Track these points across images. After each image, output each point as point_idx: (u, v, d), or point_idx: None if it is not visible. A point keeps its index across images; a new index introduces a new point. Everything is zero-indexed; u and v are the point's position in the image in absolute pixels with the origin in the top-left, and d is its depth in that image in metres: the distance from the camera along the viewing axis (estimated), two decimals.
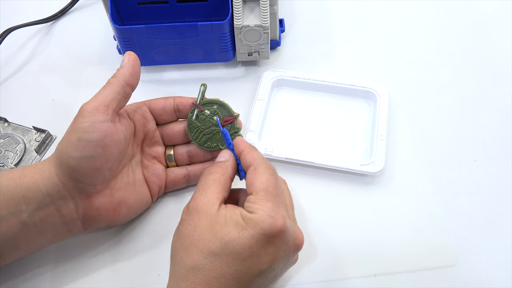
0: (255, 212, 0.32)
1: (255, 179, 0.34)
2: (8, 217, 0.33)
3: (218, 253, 0.31)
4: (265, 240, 0.31)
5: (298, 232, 0.34)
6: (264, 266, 0.31)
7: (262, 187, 0.33)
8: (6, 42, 0.56)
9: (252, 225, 0.31)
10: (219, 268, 0.31)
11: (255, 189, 0.33)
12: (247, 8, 0.48)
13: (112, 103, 0.35)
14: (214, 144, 0.41)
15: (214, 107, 0.41)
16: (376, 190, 0.44)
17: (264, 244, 0.31)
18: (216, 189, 0.34)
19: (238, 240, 0.31)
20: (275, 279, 0.34)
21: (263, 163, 0.35)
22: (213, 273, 0.30)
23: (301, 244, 0.34)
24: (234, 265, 0.31)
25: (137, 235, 0.41)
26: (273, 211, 0.32)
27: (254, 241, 0.31)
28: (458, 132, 0.48)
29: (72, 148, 0.34)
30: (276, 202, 0.32)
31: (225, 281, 0.31)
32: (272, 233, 0.31)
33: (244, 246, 0.31)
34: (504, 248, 0.40)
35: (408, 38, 0.58)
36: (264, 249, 0.31)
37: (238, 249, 0.31)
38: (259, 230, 0.31)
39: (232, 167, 0.37)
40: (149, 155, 0.41)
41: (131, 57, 0.38)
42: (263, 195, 0.33)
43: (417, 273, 0.39)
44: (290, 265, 0.35)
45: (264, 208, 0.32)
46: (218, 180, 0.35)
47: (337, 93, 0.51)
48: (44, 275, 0.39)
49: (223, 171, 0.36)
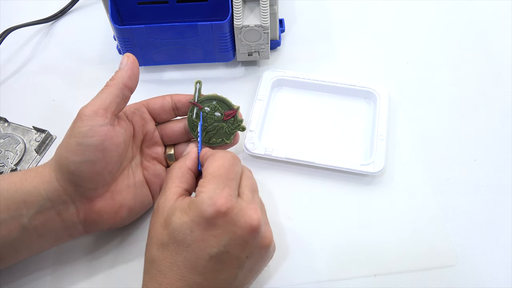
0: (198, 195, 0.32)
1: (208, 165, 0.34)
2: (9, 221, 0.33)
3: (166, 243, 0.32)
4: (206, 222, 0.31)
5: (251, 212, 0.32)
6: (213, 249, 0.31)
7: (211, 171, 0.33)
8: (6, 42, 0.56)
9: (193, 208, 0.31)
10: (169, 257, 0.31)
11: (205, 174, 0.33)
12: (247, 8, 0.48)
13: (111, 106, 0.35)
14: (219, 140, 0.41)
15: (213, 103, 0.41)
16: (376, 190, 0.44)
17: (207, 227, 0.31)
18: (173, 183, 0.35)
19: (180, 226, 0.31)
20: (251, 267, 0.33)
21: (221, 152, 0.36)
22: (165, 262, 0.31)
23: (254, 224, 0.32)
24: (182, 252, 0.31)
25: (138, 236, 0.41)
26: (213, 193, 0.31)
27: (195, 225, 0.31)
28: (458, 132, 0.48)
29: (71, 152, 0.34)
30: (221, 184, 0.32)
31: (178, 269, 0.31)
32: (211, 214, 0.31)
33: (186, 231, 0.31)
34: (504, 248, 0.40)
35: (408, 38, 0.58)
36: (208, 232, 0.31)
37: (181, 235, 0.31)
38: (198, 212, 0.31)
39: (191, 158, 0.37)
40: (149, 156, 0.41)
41: (129, 59, 0.37)
42: (210, 178, 0.33)
43: (417, 273, 0.39)
44: (261, 250, 0.33)
45: (205, 190, 0.32)
46: (175, 174, 0.36)
47: (337, 93, 0.51)
48: (44, 278, 0.39)
49: (180, 164, 0.37)
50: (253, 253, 0.33)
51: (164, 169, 0.42)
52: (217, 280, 0.32)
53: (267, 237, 0.34)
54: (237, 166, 0.35)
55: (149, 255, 0.33)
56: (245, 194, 0.34)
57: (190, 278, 0.31)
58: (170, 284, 0.31)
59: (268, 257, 0.35)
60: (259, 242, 0.33)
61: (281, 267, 0.39)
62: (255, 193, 0.35)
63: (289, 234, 0.41)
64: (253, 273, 0.34)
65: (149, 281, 0.32)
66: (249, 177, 0.36)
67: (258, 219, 0.32)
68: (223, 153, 0.35)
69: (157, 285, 0.31)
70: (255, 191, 0.36)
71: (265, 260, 0.35)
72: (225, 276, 0.32)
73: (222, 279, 0.32)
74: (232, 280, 0.32)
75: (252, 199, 0.34)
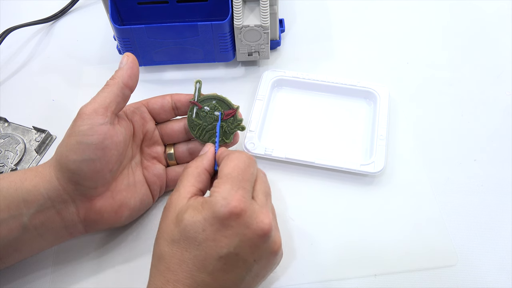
0: (212, 195, 0.32)
1: (224, 165, 0.34)
2: (9, 220, 0.33)
3: (177, 240, 0.32)
4: (219, 223, 0.31)
5: (263, 216, 0.32)
6: (223, 250, 0.31)
7: (227, 172, 0.33)
8: (6, 42, 0.56)
9: (206, 207, 0.31)
10: (179, 254, 0.31)
11: (221, 175, 0.33)
12: (247, 8, 0.48)
13: (111, 105, 0.35)
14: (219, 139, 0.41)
15: (213, 102, 0.41)
16: (376, 190, 0.44)
17: (219, 227, 0.31)
18: (189, 183, 0.35)
19: (193, 224, 0.31)
20: (258, 271, 0.33)
21: (237, 152, 0.35)
22: (174, 259, 0.31)
23: (266, 228, 0.32)
24: (192, 249, 0.31)
25: (139, 236, 0.41)
26: (228, 194, 0.31)
27: (208, 224, 0.31)
28: (458, 132, 0.48)
29: (71, 151, 0.34)
30: (235, 185, 0.32)
31: (186, 266, 0.31)
32: (225, 215, 0.31)
33: (198, 229, 0.31)
34: (504, 248, 0.40)
35: (408, 38, 0.58)
36: (219, 232, 0.31)
37: (192, 233, 0.31)
38: (212, 212, 0.31)
39: (208, 159, 0.37)
40: (149, 156, 0.41)
41: (129, 58, 0.37)
42: (225, 179, 0.33)
43: (417, 273, 0.39)
44: (269, 255, 0.33)
45: (220, 191, 0.32)
46: (191, 173, 0.36)
47: (337, 93, 0.51)
48: (44, 278, 0.39)
49: (197, 164, 0.36)
50: (261, 258, 0.33)
51: (164, 169, 0.42)
52: (224, 280, 0.31)
53: (277, 243, 0.34)
54: (252, 167, 0.35)
55: (158, 250, 0.33)
56: (259, 197, 0.34)
57: (198, 277, 0.31)
58: (177, 281, 0.31)
59: (275, 263, 0.35)
60: (268, 247, 0.33)
61: (281, 267, 0.39)
62: (269, 197, 0.36)
63: (289, 234, 0.41)
64: (260, 278, 0.34)
65: (156, 276, 0.32)
66: (263, 181, 0.36)
67: (269, 224, 0.32)
68: (238, 154, 0.35)
69: (164, 281, 0.31)
70: (269, 195, 0.36)
71: (272, 265, 0.35)
72: (232, 277, 0.32)
73: (229, 280, 0.32)
74: (239, 283, 0.32)
75: (265, 203, 0.34)
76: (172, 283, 0.31)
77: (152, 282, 0.32)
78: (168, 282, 0.31)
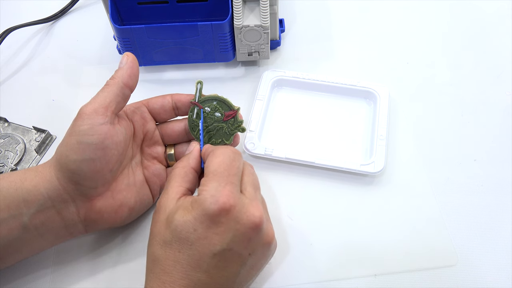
0: (201, 194, 0.32)
1: (209, 162, 0.34)
2: (9, 220, 0.33)
3: (169, 241, 0.32)
4: (210, 220, 0.31)
5: (253, 209, 0.32)
6: (216, 247, 0.31)
7: (213, 169, 0.33)
8: (6, 42, 0.56)
9: (195, 207, 0.31)
10: (172, 255, 0.31)
11: (207, 172, 0.33)
12: (247, 8, 0.48)
13: (111, 105, 0.35)
14: (219, 140, 0.41)
15: (213, 103, 0.41)
16: (376, 190, 0.44)
17: (210, 225, 0.31)
18: (177, 183, 0.35)
19: (184, 224, 0.31)
20: (253, 264, 0.33)
21: (221, 148, 0.35)
22: (168, 261, 0.31)
23: (257, 221, 0.32)
24: (185, 250, 0.31)
25: (139, 236, 0.41)
26: (216, 190, 0.31)
27: (198, 223, 0.31)
28: (458, 132, 0.48)
29: (72, 151, 0.34)
30: (222, 181, 0.32)
31: (181, 267, 0.31)
32: (214, 212, 0.31)
33: (189, 229, 0.31)
34: (504, 248, 0.40)
35: (408, 38, 0.58)
36: (211, 229, 0.31)
37: (184, 233, 0.31)
38: (201, 211, 0.31)
39: (194, 157, 0.37)
40: (149, 155, 0.41)
41: (129, 58, 0.37)
42: (212, 176, 0.33)
43: (417, 273, 0.39)
44: (263, 247, 0.33)
45: (208, 188, 0.32)
46: (178, 173, 0.36)
47: (337, 93, 0.51)
48: (44, 278, 0.39)
49: (183, 164, 0.36)
50: (255, 250, 0.33)
51: (164, 169, 0.42)
52: (220, 277, 0.32)
53: (269, 234, 0.34)
54: (238, 161, 0.35)
55: (151, 253, 0.33)
56: (247, 190, 0.34)
57: (193, 276, 0.31)
58: (173, 282, 0.31)
59: (270, 254, 0.35)
60: (261, 239, 0.33)
61: (281, 267, 0.39)
62: (257, 189, 0.35)
63: (289, 234, 0.41)
64: (255, 270, 0.34)
65: (152, 279, 0.32)
66: (251, 173, 0.36)
67: (260, 216, 0.32)
68: (223, 149, 0.35)
69: (160, 284, 0.31)
70: (257, 187, 0.36)
71: (267, 257, 0.35)
72: (228, 273, 0.32)
73: (225, 276, 0.32)
74: (235, 277, 0.32)
75: (254, 196, 0.34)
76: (168, 285, 0.31)
77: (148, 286, 0.32)
78: (165, 284, 0.31)
